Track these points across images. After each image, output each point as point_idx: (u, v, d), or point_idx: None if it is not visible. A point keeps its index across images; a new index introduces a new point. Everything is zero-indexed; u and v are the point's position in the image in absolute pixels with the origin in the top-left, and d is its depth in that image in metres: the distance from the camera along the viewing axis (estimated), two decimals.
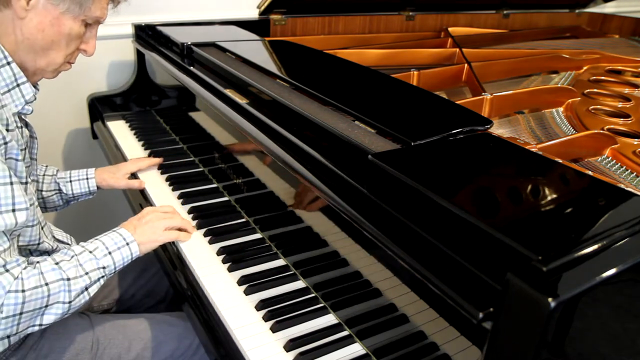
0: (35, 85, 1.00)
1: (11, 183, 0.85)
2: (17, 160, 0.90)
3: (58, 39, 0.95)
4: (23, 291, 0.83)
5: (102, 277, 0.96)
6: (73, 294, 0.90)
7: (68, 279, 0.90)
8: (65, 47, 0.97)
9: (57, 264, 0.91)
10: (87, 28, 0.99)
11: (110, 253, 0.98)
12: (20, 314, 0.83)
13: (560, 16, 2.62)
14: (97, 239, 1.00)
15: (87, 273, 0.93)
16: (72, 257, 0.94)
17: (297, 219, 1.05)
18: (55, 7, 0.92)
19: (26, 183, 0.94)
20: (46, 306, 0.87)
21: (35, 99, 0.99)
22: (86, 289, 0.93)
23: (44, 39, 0.93)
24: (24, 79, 0.96)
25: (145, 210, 1.13)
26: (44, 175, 1.28)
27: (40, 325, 0.88)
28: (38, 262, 0.89)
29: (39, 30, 0.92)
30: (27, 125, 1.03)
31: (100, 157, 1.91)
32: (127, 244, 1.01)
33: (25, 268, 0.86)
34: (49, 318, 0.88)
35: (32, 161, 1.04)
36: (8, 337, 0.95)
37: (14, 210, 0.84)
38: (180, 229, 1.13)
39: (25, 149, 0.98)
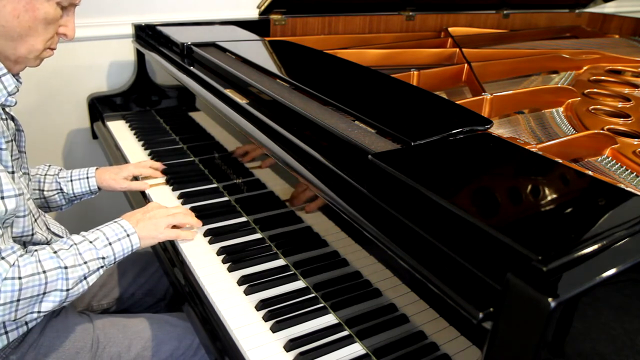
0: (18, 79, 0.99)
1: None
2: (1, 149, 0.91)
3: (35, 24, 0.93)
4: (20, 278, 0.84)
5: (101, 267, 0.97)
6: (71, 282, 0.91)
7: (65, 267, 0.90)
8: (44, 31, 0.95)
9: (55, 252, 0.91)
10: (63, 11, 0.97)
11: (110, 244, 0.98)
12: (18, 300, 0.84)
13: (560, 16, 2.62)
14: (98, 229, 1.01)
15: (85, 262, 0.94)
16: (71, 246, 0.94)
17: (297, 219, 1.05)
18: None
19: (13, 172, 0.95)
20: (44, 293, 0.88)
21: (18, 90, 0.98)
22: (85, 277, 0.93)
23: (20, 25, 0.91)
24: (4, 70, 0.95)
25: (150, 204, 1.13)
26: (45, 175, 1.29)
27: (39, 312, 0.89)
28: (36, 250, 0.90)
29: (14, 17, 0.90)
30: (12, 118, 1.02)
31: (100, 157, 1.91)
32: (128, 235, 1.02)
33: (21, 255, 0.87)
34: (47, 305, 0.89)
35: (21, 154, 1.04)
36: (6, 332, 0.96)
37: (2, 198, 0.85)
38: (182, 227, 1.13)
39: (11, 141, 0.98)
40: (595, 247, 0.60)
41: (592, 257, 0.59)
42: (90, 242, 0.97)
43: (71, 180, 1.31)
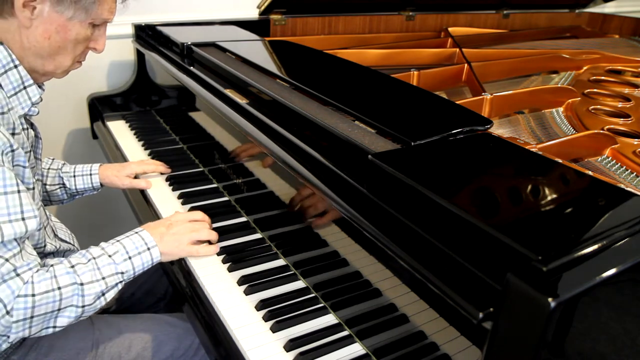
0: (40, 86, 1.00)
1: (19, 191, 0.84)
2: (24, 167, 0.90)
3: (65, 44, 0.95)
4: (33, 295, 0.82)
5: (120, 282, 0.94)
6: (87, 299, 0.89)
7: (82, 284, 0.88)
8: (73, 50, 0.97)
9: (72, 267, 0.89)
10: (95, 28, 0.99)
11: (130, 258, 0.96)
12: (31, 317, 0.83)
13: (560, 16, 2.62)
14: (118, 241, 0.98)
15: (103, 278, 0.91)
16: (89, 260, 0.92)
17: (297, 219, 1.05)
18: (60, 15, 0.91)
19: (33, 188, 0.94)
20: (59, 309, 0.86)
21: (42, 100, 1.00)
22: (102, 294, 0.91)
23: (51, 45, 0.94)
24: (31, 81, 0.96)
25: (174, 217, 1.09)
26: (48, 169, 1.29)
27: (54, 327, 0.88)
28: (52, 265, 0.88)
29: (45, 38, 0.92)
30: (32, 125, 1.03)
31: (100, 157, 1.91)
32: (149, 248, 0.99)
33: (37, 271, 0.85)
34: (62, 321, 0.88)
35: (37, 161, 1.05)
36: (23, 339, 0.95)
37: (24, 219, 0.84)
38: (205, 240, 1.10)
39: (30, 150, 0.98)
40: (595, 247, 0.60)
41: (592, 257, 0.59)
42: (109, 255, 0.94)
43: (74, 176, 1.31)
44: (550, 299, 0.52)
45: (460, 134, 0.91)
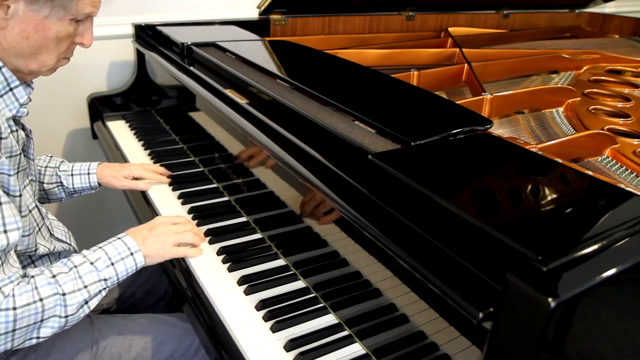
0: (29, 84, 0.98)
1: (0, 204, 0.83)
2: (9, 175, 0.88)
3: (45, 43, 0.92)
4: (14, 309, 0.81)
5: (104, 289, 0.93)
6: (70, 309, 0.88)
7: (64, 294, 0.87)
8: (56, 48, 0.94)
9: (53, 277, 0.88)
10: (79, 23, 0.96)
11: (113, 264, 0.95)
12: (13, 330, 0.82)
13: (560, 16, 2.62)
14: (100, 248, 0.97)
15: (86, 286, 0.90)
16: (71, 269, 0.91)
17: (297, 219, 1.05)
18: (36, 14, 0.88)
19: (20, 196, 0.92)
20: (41, 320, 0.85)
21: (30, 100, 0.98)
22: (85, 302, 0.90)
23: (30, 45, 0.91)
24: (17, 82, 0.94)
25: (157, 219, 1.09)
26: (46, 167, 1.28)
27: (38, 338, 0.87)
28: (33, 276, 0.87)
29: (23, 38, 0.89)
30: (22, 126, 1.02)
31: (100, 157, 1.91)
32: (132, 254, 0.98)
33: (18, 284, 0.84)
34: (45, 331, 0.87)
35: (29, 161, 1.03)
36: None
37: (5, 232, 0.83)
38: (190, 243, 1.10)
39: (19, 154, 0.96)
40: (595, 247, 0.60)
41: (592, 257, 0.59)
42: (92, 263, 0.93)
43: (72, 175, 1.30)
44: (550, 299, 0.52)
45: (460, 134, 0.91)
